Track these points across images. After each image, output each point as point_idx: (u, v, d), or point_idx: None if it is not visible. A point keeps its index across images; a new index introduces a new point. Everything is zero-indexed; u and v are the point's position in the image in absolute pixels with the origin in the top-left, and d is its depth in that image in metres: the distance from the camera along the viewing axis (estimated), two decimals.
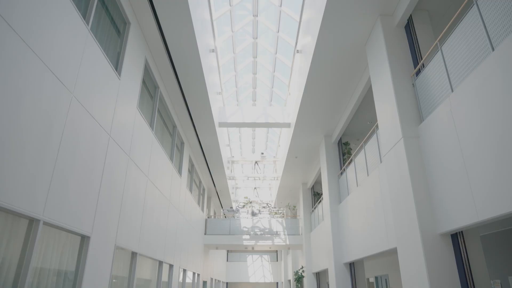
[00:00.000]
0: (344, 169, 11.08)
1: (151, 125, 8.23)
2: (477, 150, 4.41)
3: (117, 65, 6.26)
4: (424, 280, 5.12)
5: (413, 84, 6.29)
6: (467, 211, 4.58)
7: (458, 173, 4.79)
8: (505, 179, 3.91)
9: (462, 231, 5.28)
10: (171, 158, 10.21)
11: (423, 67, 6.11)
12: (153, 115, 8.47)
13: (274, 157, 20.09)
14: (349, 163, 10.49)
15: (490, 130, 4.17)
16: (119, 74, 6.20)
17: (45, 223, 3.98)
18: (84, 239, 5.00)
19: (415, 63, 6.46)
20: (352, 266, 10.76)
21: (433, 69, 5.61)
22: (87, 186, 4.99)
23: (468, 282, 5.08)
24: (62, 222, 4.31)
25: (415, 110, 6.12)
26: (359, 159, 9.49)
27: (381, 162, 7.66)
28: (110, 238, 5.84)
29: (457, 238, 5.29)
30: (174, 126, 10.87)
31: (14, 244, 3.65)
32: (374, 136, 8.26)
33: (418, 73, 6.26)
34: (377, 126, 7.90)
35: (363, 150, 9.11)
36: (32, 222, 3.81)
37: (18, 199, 3.51)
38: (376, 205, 7.90)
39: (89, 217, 5.06)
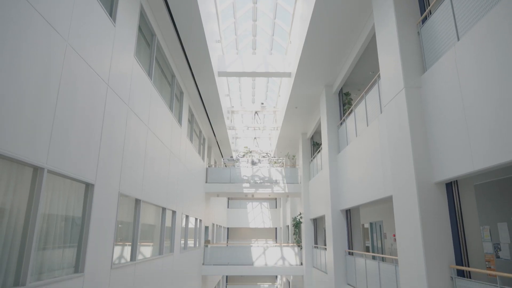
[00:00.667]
0: (344, 120, 11.09)
1: (149, 74, 8.10)
2: (479, 100, 4.39)
3: (111, 11, 6.01)
4: (417, 226, 5.35)
5: (418, 32, 6.10)
6: (464, 161, 4.66)
7: (458, 124, 4.81)
8: (503, 130, 3.93)
9: (457, 180, 5.42)
10: (170, 108, 10.18)
11: (430, 14, 5.88)
12: (151, 64, 8.30)
13: (274, 107, 20.01)
14: (349, 113, 10.47)
15: (494, 80, 4.12)
16: (114, 21, 5.98)
17: (49, 171, 4.07)
18: (89, 187, 5.14)
19: (422, 10, 6.20)
20: (348, 213, 11.17)
21: (440, 16, 5.41)
22: (88, 135, 5.03)
23: (459, 229, 5.32)
24: (66, 170, 4.41)
25: (419, 60, 5.99)
26: (359, 110, 9.46)
27: (381, 112, 7.65)
28: (114, 186, 6.00)
29: (451, 187, 5.44)
30: (173, 76, 10.70)
31: (22, 192, 3.76)
32: (376, 86, 8.17)
33: (424, 20, 6.03)
34: (379, 76, 7.78)
35: (363, 100, 9.05)
36: (37, 170, 3.89)
37: (21, 148, 3.56)
38: (375, 155, 8.02)
39: (92, 165, 5.16)
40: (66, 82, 4.40)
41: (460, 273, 5.09)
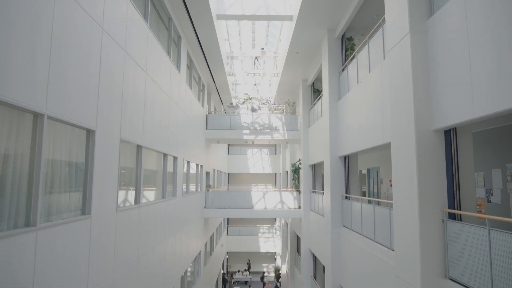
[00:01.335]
0: (345, 66, 10.87)
1: (145, 17, 7.78)
2: (485, 46, 4.27)
3: None
4: (413, 172, 5.48)
5: None
6: (464, 108, 4.65)
7: (461, 70, 4.72)
8: (506, 78, 3.87)
9: (455, 128, 5.45)
10: (168, 53, 9.92)
11: None
12: (147, 6, 7.94)
13: (275, 52, 19.48)
14: (352, 59, 10.23)
15: (502, 26, 3.97)
16: None
17: (49, 118, 4.08)
18: (90, 133, 5.18)
19: None
20: (346, 159, 11.37)
21: None
22: (85, 81, 4.96)
23: (454, 175, 5.45)
24: (66, 117, 4.41)
25: (427, 2, 5.72)
26: (362, 55, 9.23)
27: (384, 58, 7.47)
28: (115, 132, 6.04)
29: (450, 134, 5.49)
30: (170, 19, 10.28)
31: (24, 138, 3.80)
32: (380, 30, 7.89)
33: None
34: (383, 20, 7.48)
35: (367, 45, 8.80)
36: (37, 117, 3.90)
37: (20, 94, 3.53)
38: (375, 102, 7.98)
39: (92, 111, 5.16)
40: (59, 25, 4.24)
41: (452, 216, 5.31)
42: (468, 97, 4.56)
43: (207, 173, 19.40)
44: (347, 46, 11.47)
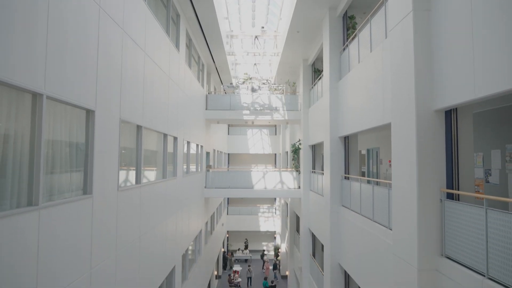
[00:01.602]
0: (347, 45, 10.72)
1: None
2: (489, 26, 4.20)
3: None
4: (413, 152, 5.49)
5: None
6: (466, 88, 4.62)
7: (464, 50, 4.66)
8: (509, 58, 3.83)
9: (456, 108, 5.43)
10: (167, 32, 9.77)
11: None
12: None
13: (275, 31, 19.18)
14: (353, 38, 10.08)
15: (509, 5, 3.89)
16: None
17: (48, 97, 4.05)
18: (89, 113, 5.17)
19: None
20: (346, 140, 11.38)
21: None
22: (84, 61, 4.91)
23: (453, 155, 5.46)
24: (65, 96, 4.39)
25: None
26: (363, 34, 9.09)
27: (386, 37, 7.36)
28: (114, 112, 6.02)
29: (450, 115, 5.47)
30: None
31: (24, 119, 3.79)
32: (382, 8, 7.74)
33: None
34: None
35: (369, 24, 8.65)
36: (36, 96, 3.87)
37: (18, 74, 3.50)
38: (376, 82, 7.92)
39: (91, 91, 5.13)
40: (55, 4, 4.16)
41: (450, 196, 5.36)
42: (470, 77, 4.52)
43: (207, 154, 19.46)
44: (349, 25, 11.28)
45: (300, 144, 18.23)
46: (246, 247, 34.42)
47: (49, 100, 4.10)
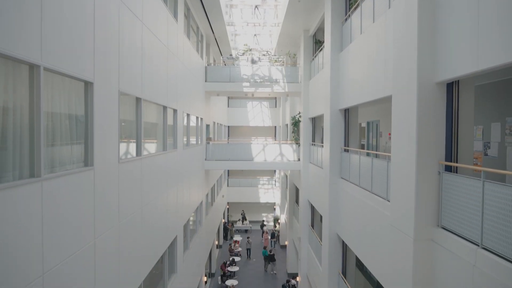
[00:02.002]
0: (349, 15, 10.47)
1: None
2: None
3: None
4: (413, 124, 5.49)
5: None
6: (469, 60, 4.56)
7: (469, 21, 4.56)
8: None
9: (458, 81, 5.38)
10: (164, 2, 9.51)
11: None
12: None
13: (276, 0, 18.66)
14: (356, 8, 9.83)
15: None
16: None
17: (46, 69, 4.00)
18: (88, 85, 5.12)
19: None
20: (346, 112, 11.35)
21: None
22: (80, 32, 4.81)
23: (453, 128, 5.46)
24: (62, 68, 4.34)
25: None
26: (366, 4, 8.85)
27: (389, 7, 7.18)
28: (113, 84, 5.97)
29: (452, 87, 5.42)
30: None
31: (22, 91, 3.76)
32: None
33: None
34: None
35: None
36: (33, 68, 3.83)
37: (13, 44, 3.44)
38: (378, 53, 7.80)
39: (89, 63, 5.06)
40: None
41: (448, 169, 5.41)
42: (474, 48, 4.45)
43: (207, 126, 19.45)
44: None
45: (300, 116, 18.18)
46: (243, 219, 35.16)
47: (46, 72, 4.05)
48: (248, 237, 25.85)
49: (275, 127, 35.74)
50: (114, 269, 5.98)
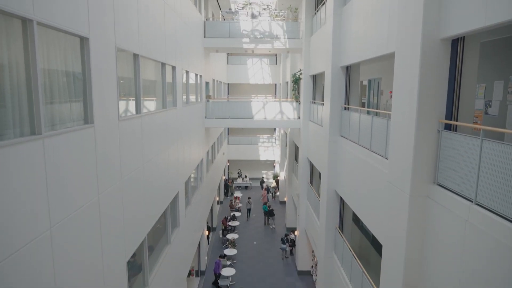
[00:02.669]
0: None
1: None
2: None
3: None
4: (415, 82, 5.42)
5: None
6: (477, 15, 4.41)
7: None
8: None
9: (463, 37, 5.24)
10: None
11: None
12: None
13: None
14: None
15: None
16: None
17: (39, 23, 3.88)
18: (84, 41, 4.99)
19: None
20: (348, 69, 11.16)
21: None
22: None
23: (455, 86, 5.40)
24: (56, 22, 4.21)
25: None
26: None
27: None
28: (109, 40, 5.82)
29: (457, 44, 5.29)
30: None
31: (17, 47, 3.67)
32: None
33: None
34: None
35: None
36: (26, 22, 3.71)
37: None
38: (382, 8, 7.52)
39: (83, 17, 4.90)
40: None
41: (447, 127, 5.42)
42: (482, 3, 4.29)
43: (207, 83, 19.21)
44: None
45: (300, 74, 17.90)
46: (239, 176, 35.88)
47: (40, 27, 3.93)
48: (249, 198, 26.44)
49: (275, 84, 35.32)
50: (118, 223, 6.19)
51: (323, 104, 12.91)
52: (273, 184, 33.43)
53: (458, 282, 4.62)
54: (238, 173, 36.56)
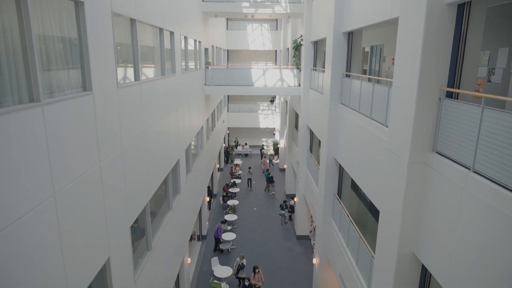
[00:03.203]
0: None
1: None
2: None
3: None
4: (418, 48, 5.31)
5: None
6: None
7: None
8: None
9: (470, 1, 5.08)
10: None
11: None
12: None
13: None
14: None
15: None
16: None
17: None
18: (78, 5, 4.85)
19: None
20: (350, 36, 10.91)
21: None
22: None
23: (459, 53, 5.30)
24: None
25: None
26: None
27: None
28: (105, 4, 5.66)
29: (462, 9, 5.14)
30: None
31: (10, 12, 3.57)
32: None
33: None
34: None
35: None
36: None
37: None
38: None
39: None
40: None
41: (449, 95, 5.38)
42: None
43: (206, 50, 18.85)
44: None
45: (301, 40, 17.52)
46: (236, 145, 36.04)
47: None
48: (249, 167, 26.61)
49: (276, 51, 34.69)
50: (120, 189, 6.29)
51: (324, 71, 12.74)
52: (270, 151, 33.71)
53: (453, 248, 4.77)
54: (234, 141, 36.61)
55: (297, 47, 18.95)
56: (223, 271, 15.34)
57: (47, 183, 3.93)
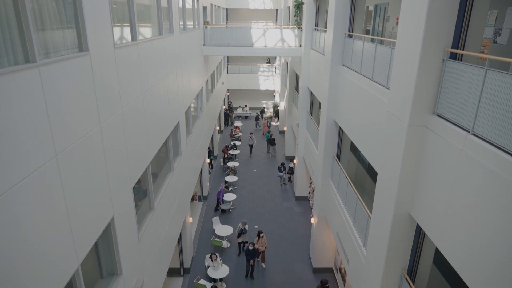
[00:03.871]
0: None
1: None
2: None
3: None
4: (423, 7, 5.15)
5: None
6: None
7: None
8: None
9: None
10: None
11: None
12: None
13: None
14: None
15: None
16: None
17: None
18: None
19: None
20: None
21: None
22: None
23: (466, 13, 5.13)
24: None
25: None
26: None
27: None
28: None
29: None
30: None
31: None
32: None
33: None
34: None
35: None
36: None
37: None
38: None
39: None
40: None
41: (453, 56, 5.28)
42: None
43: (204, 8, 18.23)
44: None
45: None
46: (230, 109, 35.74)
47: None
48: (251, 133, 26.50)
49: (276, 10, 33.57)
50: (121, 151, 6.35)
51: (326, 31, 12.40)
52: (268, 114, 33.59)
53: (447, 207, 4.89)
54: (229, 105, 36.06)
55: (298, 6, 18.31)
56: (224, 229, 15.85)
57: (48, 145, 3.95)
